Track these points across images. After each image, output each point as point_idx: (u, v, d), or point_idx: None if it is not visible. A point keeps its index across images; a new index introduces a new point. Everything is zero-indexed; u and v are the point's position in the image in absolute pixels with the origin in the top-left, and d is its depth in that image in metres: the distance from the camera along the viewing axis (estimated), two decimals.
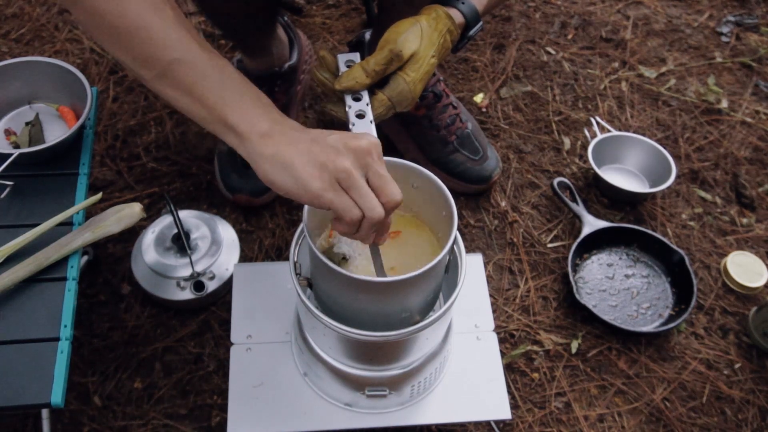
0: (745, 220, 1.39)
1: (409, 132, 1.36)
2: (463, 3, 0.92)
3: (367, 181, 0.69)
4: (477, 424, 1.11)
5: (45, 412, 0.99)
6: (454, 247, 0.87)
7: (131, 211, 1.02)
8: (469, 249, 1.31)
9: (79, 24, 1.56)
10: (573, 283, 1.23)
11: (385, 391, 0.91)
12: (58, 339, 0.91)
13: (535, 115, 1.52)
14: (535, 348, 1.20)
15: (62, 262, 0.97)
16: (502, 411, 0.96)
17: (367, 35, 1.36)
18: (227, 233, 1.22)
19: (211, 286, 1.15)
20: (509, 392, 1.13)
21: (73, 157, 1.08)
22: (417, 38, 0.85)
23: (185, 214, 1.20)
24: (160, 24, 0.74)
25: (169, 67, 0.74)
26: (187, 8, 1.66)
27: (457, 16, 0.91)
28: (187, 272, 1.14)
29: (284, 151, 0.70)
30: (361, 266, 0.84)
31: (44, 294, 0.95)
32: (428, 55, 0.86)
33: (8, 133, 1.12)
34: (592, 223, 1.30)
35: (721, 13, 1.77)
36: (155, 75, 0.76)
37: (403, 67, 0.84)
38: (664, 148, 1.40)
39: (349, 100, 0.81)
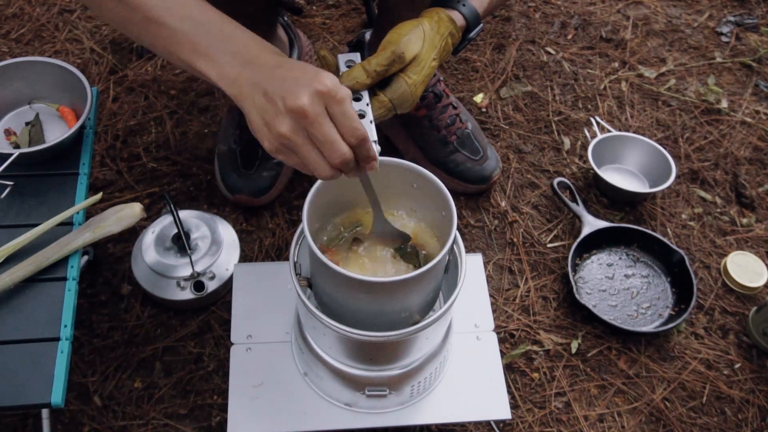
0: (745, 220, 1.39)
1: (409, 132, 1.36)
2: (463, 5, 0.92)
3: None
4: (477, 424, 1.11)
5: (45, 412, 0.99)
6: (454, 247, 0.87)
7: (131, 211, 1.02)
8: (469, 249, 1.31)
9: None
10: (573, 283, 1.23)
11: (385, 391, 0.91)
12: (58, 339, 0.91)
13: (535, 115, 1.52)
14: (535, 348, 1.20)
15: (62, 262, 0.97)
16: (502, 411, 0.96)
17: (367, 35, 1.36)
18: (227, 233, 1.22)
19: (211, 286, 1.15)
20: (509, 392, 1.13)
21: (73, 157, 1.08)
22: (419, 41, 0.85)
23: (185, 214, 1.20)
24: None
25: (143, 27, 0.76)
26: None
27: (458, 18, 0.91)
28: (187, 272, 1.15)
29: (246, 105, 0.71)
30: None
31: (44, 294, 0.95)
32: (430, 57, 0.86)
33: (8, 133, 1.12)
34: (592, 223, 1.30)
35: (721, 13, 1.77)
36: (137, 35, 0.79)
37: (405, 69, 0.84)
38: (664, 148, 1.40)
39: None
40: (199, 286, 1.14)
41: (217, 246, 1.18)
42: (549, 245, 1.32)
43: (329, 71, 0.84)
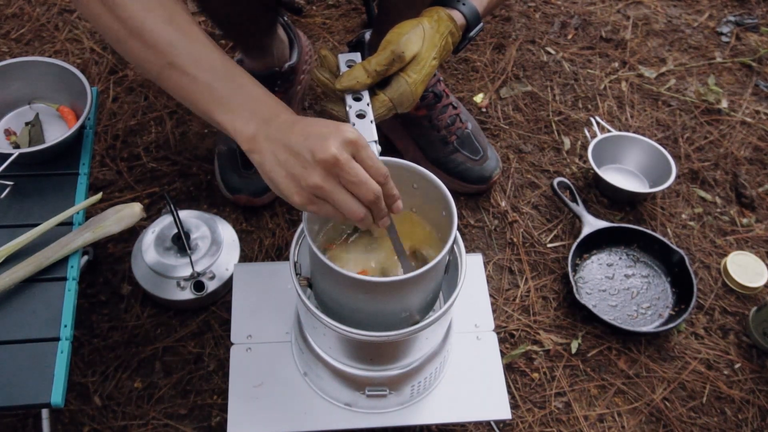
0: (745, 220, 1.39)
1: (409, 132, 1.36)
2: (463, 4, 0.92)
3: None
4: (477, 424, 1.11)
5: (45, 412, 0.99)
6: (454, 247, 0.87)
7: (131, 211, 1.02)
8: (469, 249, 1.31)
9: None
10: (573, 283, 1.23)
11: (385, 391, 0.91)
12: (58, 339, 0.91)
13: (535, 115, 1.52)
14: (535, 348, 1.20)
15: (62, 262, 0.97)
16: (502, 411, 0.96)
17: (367, 35, 1.36)
18: (227, 233, 1.22)
19: (211, 286, 1.15)
20: (509, 392, 1.13)
21: (73, 157, 1.09)
22: (419, 40, 0.85)
23: (185, 214, 1.20)
24: (152, 26, 0.76)
25: (163, 71, 0.77)
26: (187, 8, 1.66)
27: (458, 18, 0.91)
28: (187, 272, 1.14)
29: (266, 162, 0.72)
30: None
31: (44, 294, 0.95)
32: (430, 56, 0.86)
33: (8, 133, 1.12)
34: (592, 223, 1.30)
35: (721, 13, 1.77)
36: (154, 77, 0.79)
37: (405, 68, 0.84)
38: (664, 148, 1.40)
39: (349, 99, 0.81)
40: (199, 286, 1.14)
41: (217, 246, 1.18)
42: (549, 245, 1.32)
43: (330, 70, 0.84)
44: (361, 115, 0.80)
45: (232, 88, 0.76)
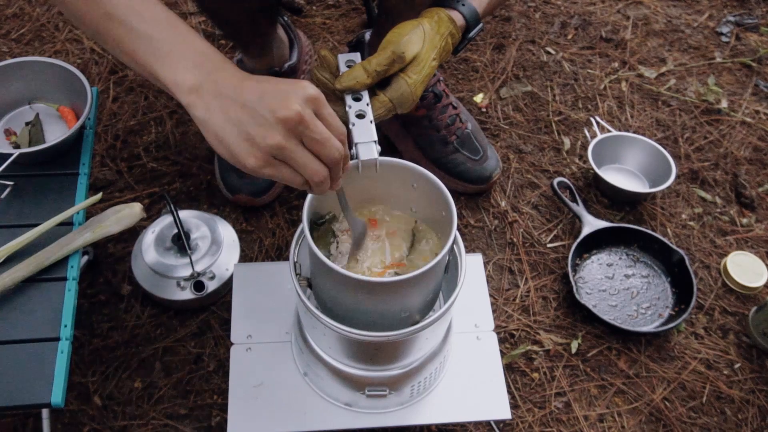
0: (745, 220, 1.39)
1: (409, 132, 1.36)
2: (463, 5, 0.92)
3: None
4: (477, 424, 1.11)
5: (45, 412, 0.99)
6: (454, 247, 0.87)
7: (131, 211, 1.02)
8: (469, 249, 1.31)
9: None
10: (573, 283, 1.23)
11: (385, 391, 0.91)
12: (58, 339, 0.91)
13: (535, 115, 1.52)
14: (535, 348, 1.20)
15: (62, 262, 0.97)
16: (502, 411, 0.96)
17: (367, 35, 1.36)
18: (227, 233, 1.22)
19: (211, 286, 1.15)
20: (509, 392, 1.13)
21: (73, 157, 1.09)
22: (419, 40, 0.85)
23: (185, 214, 1.20)
24: None
25: (100, 23, 0.72)
26: (187, 8, 1.66)
27: (458, 18, 0.91)
28: (187, 272, 1.14)
29: (214, 118, 0.66)
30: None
31: (44, 294, 0.95)
32: (430, 57, 0.86)
33: (8, 133, 1.12)
34: (592, 223, 1.30)
35: (721, 13, 1.77)
36: (92, 32, 0.74)
37: (405, 69, 0.84)
38: (664, 148, 1.40)
39: (349, 99, 0.81)
40: (199, 286, 1.14)
41: (217, 246, 1.18)
42: (549, 245, 1.32)
43: (329, 71, 0.84)
44: (360, 115, 0.80)
45: (174, 39, 0.71)
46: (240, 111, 0.65)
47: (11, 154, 1.00)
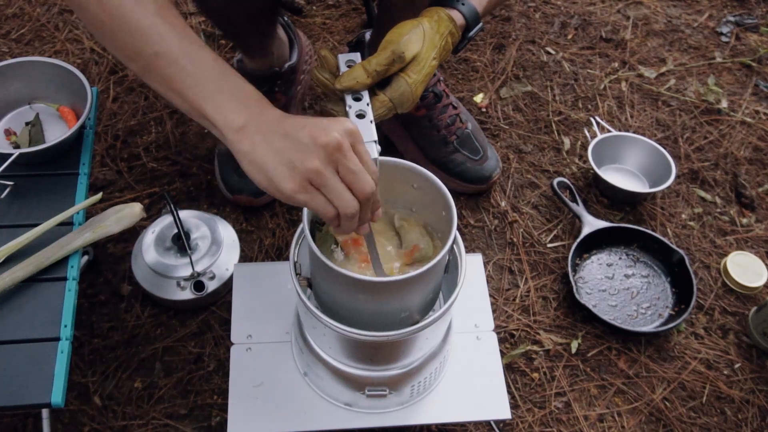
0: (745, 220, 1.39)
1: (409, 132, 1.36)
2: (463, 4, 0.92)
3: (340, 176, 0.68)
4: (477, 424, 1.11)
5: (45, 412, 0.99)
6: (454, 247, 0.87)
7: (131, 211, 1.02)
8: (469, 249, 1.31)
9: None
10: (573, 283, 1.23)
11: (385, 391, 0.91)
12: (58, 339, 0.91)
13: (535, 115, 1.52)
14: (535, 348, 1.20)
15: (62, 262, 0.97)
16: (502, 411, 0.96)
17: (367, 35, 1.36)
18: (227, 233, 1.22)
19: (211, 286, 1.15)
20: (509, 392, 1.13)
21: (73, 157, 1.09)
22: (419, 40, 0.85)
23: (185, 214, 1.20)
24: (140, 17, 0.75)
25: (150, 61, 0.75)
26: (187, 8, 1.66)
27: (458, 18, 0.91)
28: (187, 272, 1.14)
29: (257, 150, 0.70)
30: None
31: (44, 294, 0.95)
32: (430, 57, 0.86)
33: (8, 133, 1.12)
34: (591, 223, 1.30)
35: (721, 13, 1.77)
36: (140, 69, 0.77)
37: (405, 68, 0.84)
38: (664, 148, 1.40)
39: (349, 99, 0.81)
40: (199, 286, 1.14)
41: (217, 246, 1.18)
42: (549, 245, 1.32)
43: (329, 71, 0.84)
44: (360, 115, 0.80)
45: (222, 80, 0.74)
46: (282, 140, 0.69)
47: (11, 154, 1.00)
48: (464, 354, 1.00)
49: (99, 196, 1.04)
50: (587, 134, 1.44)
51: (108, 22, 0.76)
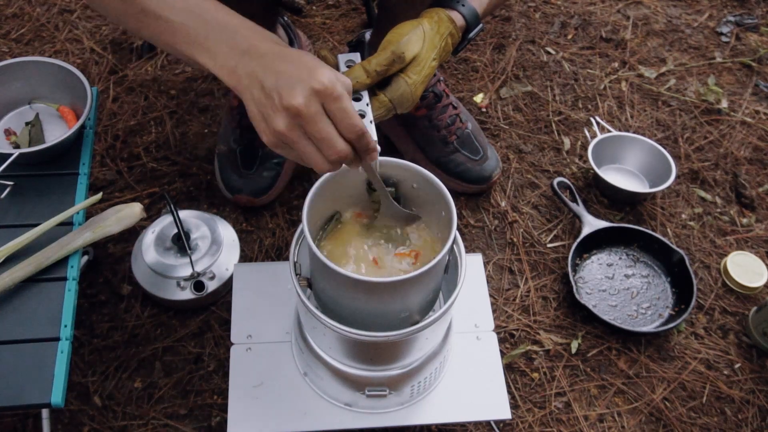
0: (745, 220, 1.39)
1: (409, 132, 1.36)
2: (463, 5, 0.92)
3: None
4: (477, 424, 1.11)
5: (45, 412, 1.00)
6: (454, 247, 0.87)
7: (131, 211, 1.02)
8: (469, 249, 1.31)
9: None
10: (573, 283, 1.23)
11: (385, 391, 0.91)
12: (58, 339, 0.91)
13: (535, 115, 1.52)
14: (535, 348, 1.20)
15: (62, 262, 0.97)
16: (502, 411, 0.96)
17: (367, 35, 1.36)
18: (227, 233, 1.22)
19: (211, 286, 1.15)
20: (509, 392, 1.13)
21: (73, 157, 1.09)
22: (419, 41, 0.85)
23: (185, 214, 1.20)
24: None
25: (138, 19, 0.77)
26: None
27: (458, 19, 0.91)
28: (187, 272, 1.14)
29: (245, 97, 0.71)
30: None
31: (44, 294, 0.95)
32: (430, 57, 0.86)
33: (8, 133, 1.12)
34: (591, 223, 1.30)
35: (721, 13, 1.77)
36: (132, 27, 0.79)
37: (405, 69, 0.84)
38: (664, 148, 1.40)
39: None
40: (199, 286, 1.14)
41: (217, 246, 1.18)
42: (549, 245, 1.32)
43: None
44: (360, 115, 0.80)
45: (207, 24, 0.75)
46: (260, 92, 0.69)
47: (11, 154, 1.00)
48: (464, 354, 1.00)
49: (99, 196, 1.04)
50: (587, 134, 1.44)
51: None
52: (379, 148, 0.78)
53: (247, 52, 0.72)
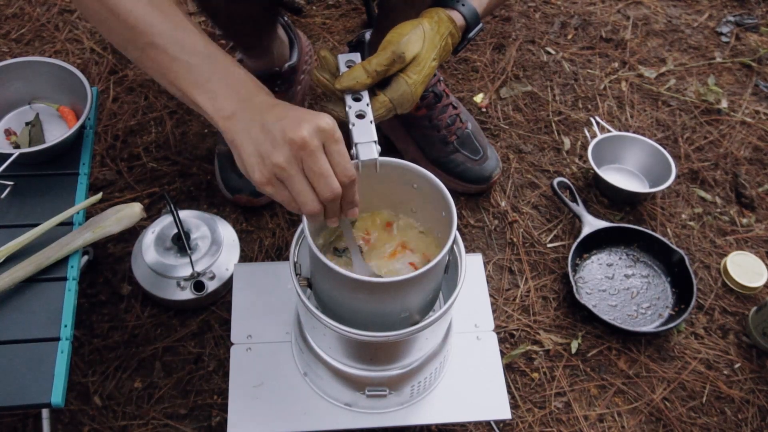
0: (744, 220, 1.39)
1: (409, 132, 1.36)
2: (463, 5, 0.92)
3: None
4: (477, 424, 1.11)
5: (45, 412, 0.99)
6: (454, 247, 0.87)
7: (131, 211, 1.02)
8: (469, 249, 1.31)
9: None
10: (573, 283, 1.23)
11: (385, 391, 0.91)
12: (58, 339, 0.91)
13: (535, 115, 1.52)
14: (535, 348, 1.20)
15: (62, 262, 0.97)
16: (502, 411, 0.96)
17: (367, 35, 1.36)
18: (227, 233, 1.22)
19: (211, 286, 1.15)
20: (509, 392, 1.13)
21: (73, 157, 1.09)
22: (419, 41, 0.85)
23: (185, 214, 1.20)
24: (133, 6, 0.77)
25: (143, 50, 0.77)
26: (187, 8, 1.66)
27: (458, 19, 0.91)
28: (187, 272, 1.14)
29: (239, 138, 0.72)
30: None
31: (44, 294, 0.95)
32: (430, 57, 0.86)
33: (8, 133, 1.12)
34: (591, 223, 1.30)
35: (721, 13, 1.77)
36: (135, 58, 0.80)
37: (405, 69, 0.84)
38: (664, 148, 1.40)
39: (349, 100, 0.81)
40: (199, 286, 1.14)
41: (217, 246, 1.18)
42: (549, 245, 1.32)
43: (329, 71, 0.84)
44: (360, 116, 0.80)
45: (212, 67, 0.76)
46: (259, 131, 0.70)
47: (11, 154, 1.00)
48: (464, 354, 1.00)
49: (99, 196, 1.04)
50: (587, 134, 1.44)
51: (102, 11, 0.78)
52: (379, 148, 0.78)
53: (247, 100, 0.74)
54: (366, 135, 0.79)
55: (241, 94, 0.74)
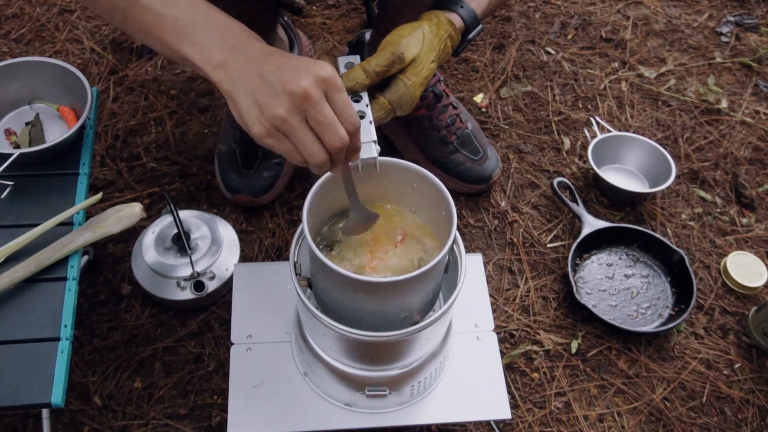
0: (744, 220, 1.39)
1: (409, 132, 1.36)
2: (462, 7, 0.92)
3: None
4: (477, 424, 1.11)
5: (45, 412, 0.99)
6: (454, 247, 0.87)
7: (131, 211, 1.02)
8: (469, 249, 1.31)
9: None
10: (573, 283, 1.23)
11: (385, 391, 0.91)
12: (58, 339, 0.91)
13: (535, 115, 1.52)
14: (535, 348, 1.20)
15: (62, 262, 0.97)
16: (502, 411, 0.96)
17: (367, 35, 1.36)
18: (227, 233, 1.22)
19: (211, 286, 1.15)
20: (509, 392, 1.13)
21: (73, 157, 1.09)
22: (419, 43, 0.85)
23: (185, 214, 1.20)
24: None
25: (126, 10, 0.76)
26: None
27: (457, 21, 0.92)
28: (187, 272, 1.15)
29: (234, 88, 0.69)
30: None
31: (44, 294, 0.95)
32: (428, 59, 0.86)
33: (8, 133, 1.12)
34: (591, 223, 1.30)
35: (721, 13, 1.77)
36: (119, 20, 0.78)
37: (404, 70, 0.85)
38: (664, 148, 1.40)
39: None
40: (199, 286, 1.14)
41: (217, 246, 1.18)
42: (549, 245, 1.32)
43: None
44: (360, 116, 0.80)
45: (198, 18, 0.74)
46: (256, 80, 0.68)
47: (11, 154, 1.00)
48: (464, 354, 1.00)
49: (99, 196, 1.04)
50: (587, 134, 1.44)
51: None
52: (379, 149, 0.78)
53: (237, 48, 0.72)
54: (366, 135, 0.79)
55: (230, 42, 0.72)
